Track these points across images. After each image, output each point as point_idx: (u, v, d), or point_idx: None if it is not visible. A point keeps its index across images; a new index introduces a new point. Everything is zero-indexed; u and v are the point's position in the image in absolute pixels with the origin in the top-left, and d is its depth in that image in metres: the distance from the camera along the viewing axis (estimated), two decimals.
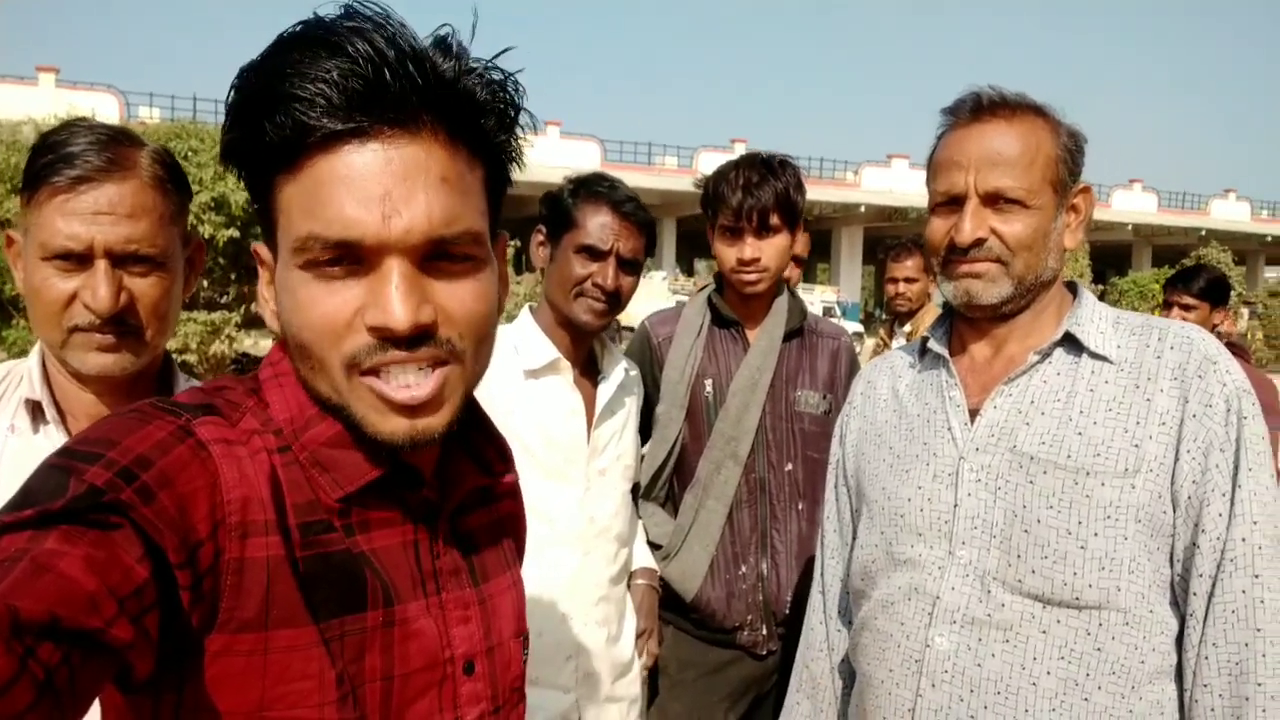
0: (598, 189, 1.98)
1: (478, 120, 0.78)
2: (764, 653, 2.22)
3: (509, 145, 0.83)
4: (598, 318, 1.97)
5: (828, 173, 38.57)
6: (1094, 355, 1.35)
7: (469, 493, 0.92)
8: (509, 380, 1.96)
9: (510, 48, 0.79)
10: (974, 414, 1.40)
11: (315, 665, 0.75)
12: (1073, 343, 1.37)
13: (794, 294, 2.37)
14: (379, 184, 0.72)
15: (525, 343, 2.01)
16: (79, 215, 1.19)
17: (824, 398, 2.27)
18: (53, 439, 1.26)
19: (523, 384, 1.97)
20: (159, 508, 0.67)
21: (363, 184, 0.72)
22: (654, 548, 2.27)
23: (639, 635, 2.14)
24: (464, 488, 0.91)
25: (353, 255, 0.74)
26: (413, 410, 0.76)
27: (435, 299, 0.76)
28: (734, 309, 2.29)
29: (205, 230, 10.46)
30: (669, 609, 2.27)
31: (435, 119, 0.75)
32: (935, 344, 1.51)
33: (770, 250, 2.17)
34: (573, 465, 1.99)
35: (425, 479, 0.86)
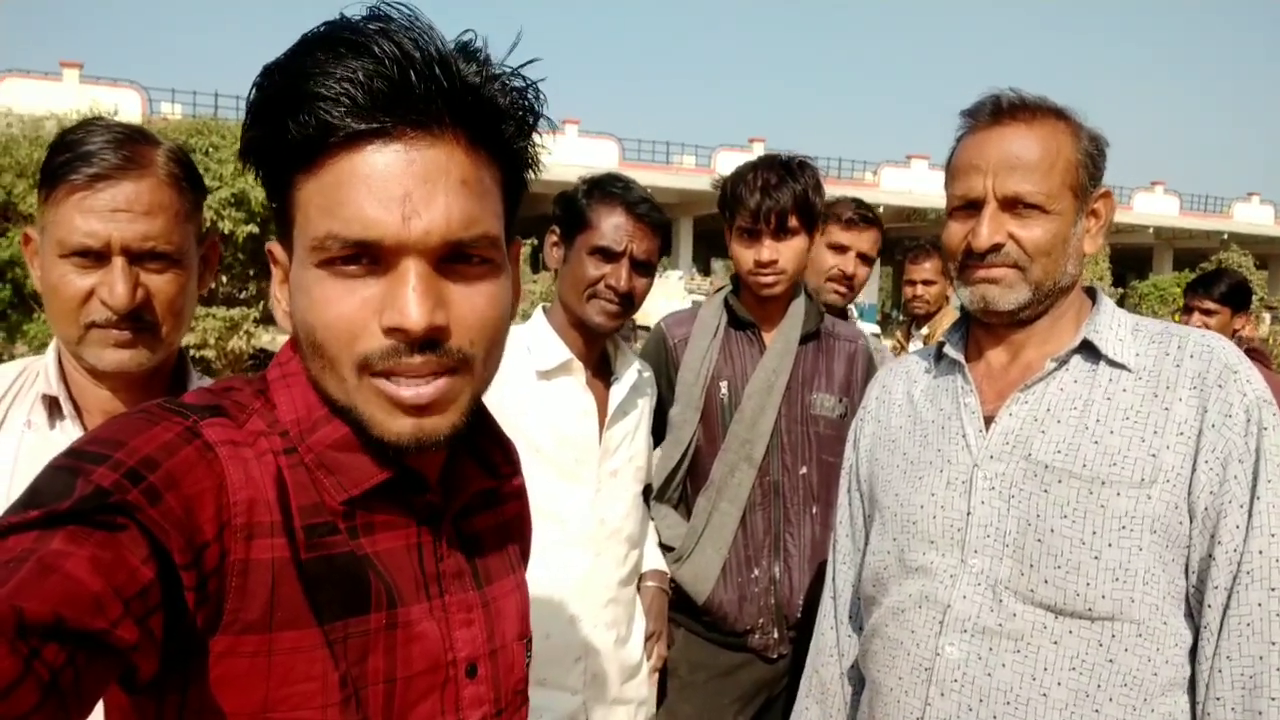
0: (612, 190, 1.98)
1: (498, 125, 0.78)
2: (775, 656, 2.21)
3: (527, 151, 0.83)
4: (611, 319, 1.97)
5: (846, 173, 38.38)
6: (1112, 363, 1.33)
7: (473, 495, 0.92)
8: (521, 381, 1.96)
9: (535, 59, 0.79)
10: (989, 421, 1.39)
11: (319, 667, 0.75)
12: (1091, 350, 1.36)
13: (811, 296, 2.36)
14: (400, 185, 0.73)
15: (538, 343, 2.01)
16: (97, 212, 1.21)
17: (840, 401, 2.26)
18: (69, 434, 1.26)
19: (535, 384, 1.97)
20: (165, 509, 0.67)
21: (384, 184, 0.72)
22: (666, 549, 2.26)
23: (648, 637, 2.14)
24: (468, 491, 0.91)
25: (370, 255, 0.74)
26: (420, 410, 0.76)
27: (450, 302, 0.76)
28: (750, 311, 2.28)
29: (225, 226, 10.53)
30: (680, 611, 2.26)
31: (457, 123, 0.75)
32: (951, 349, 1.49)
33: (788, 252, 2.16)
34: (584, 466, 1.98)
35: (430, 483, 0.86)
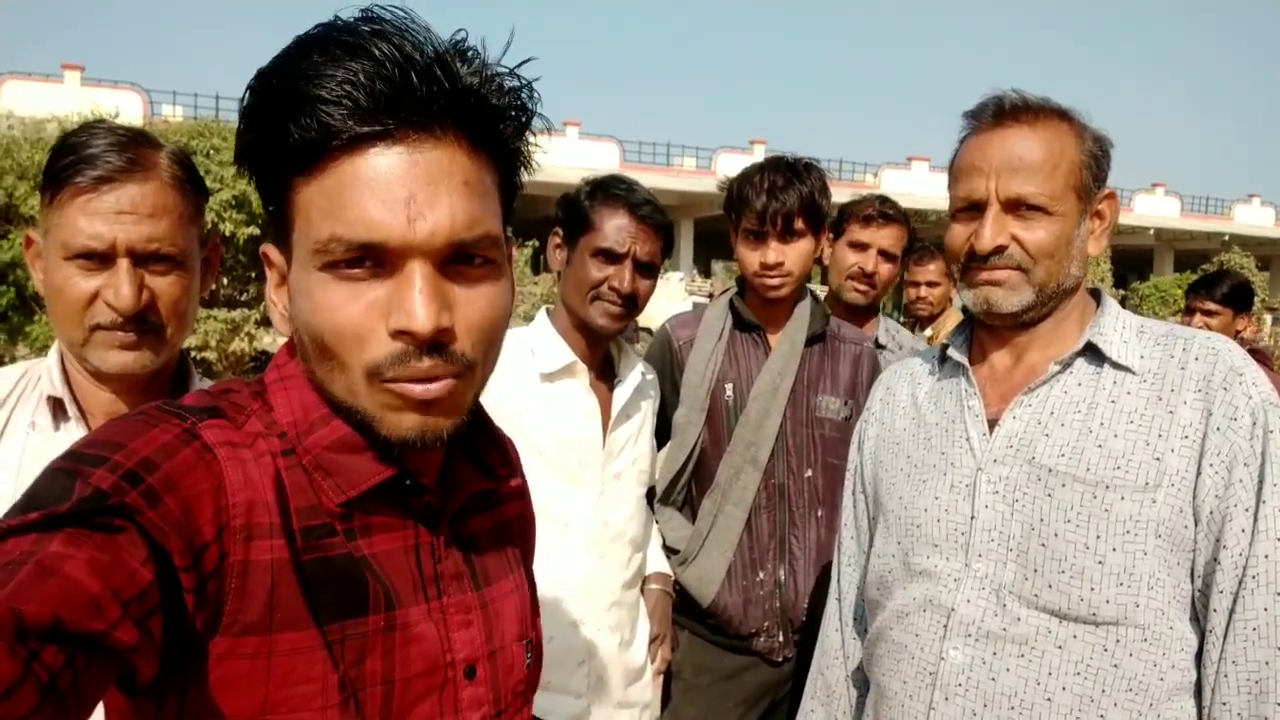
0: (614, 191, 1.97)
1: (497, 126, 0.79)
2: (780, 659, 2.20)
3: (522, 151, 0.84)
4: (614, 321, 1.96)
5: (847, 175, 38.33)
6: (1116, 365, 1.33)
7: (470, 496, 0.92)
8: (524, 383, 1.95)
9: (531, 58, 0.79)
10: (993, 424, 1.39)
11: (318, 668, 0.75)
12: (1095, 352, 1.35)
13: (816, 298, 2.35)
14: (404, 187, 0.73)
15: (541, 345, 2.00)
16: (101, 215, 1.21)
17: (845, 403, 2.25)
18: (73, 436, 1.27)
19: (538, 387, 1.97)
20: (164, 511, 0.67)
21: (387, 187, 0.72)
22: (671, 552, 2.25)
23: (652, 640, 2.13)
24: (465, 492, 0.91)
25: (375, 257, 0.74)
26: (426, 406, 0.77)
27: (454, 304, 0.76)
28: (756, 313, 2.27)
29: (226, 228, 10.52)
30: (685, 614, 2.26)
31: (457, 124, 0.75)
32: (955, 352, 1.49)
33: (794, 255, 2.16)
34: (587, 469, 1.98)
35: (428, 484, 0.86)
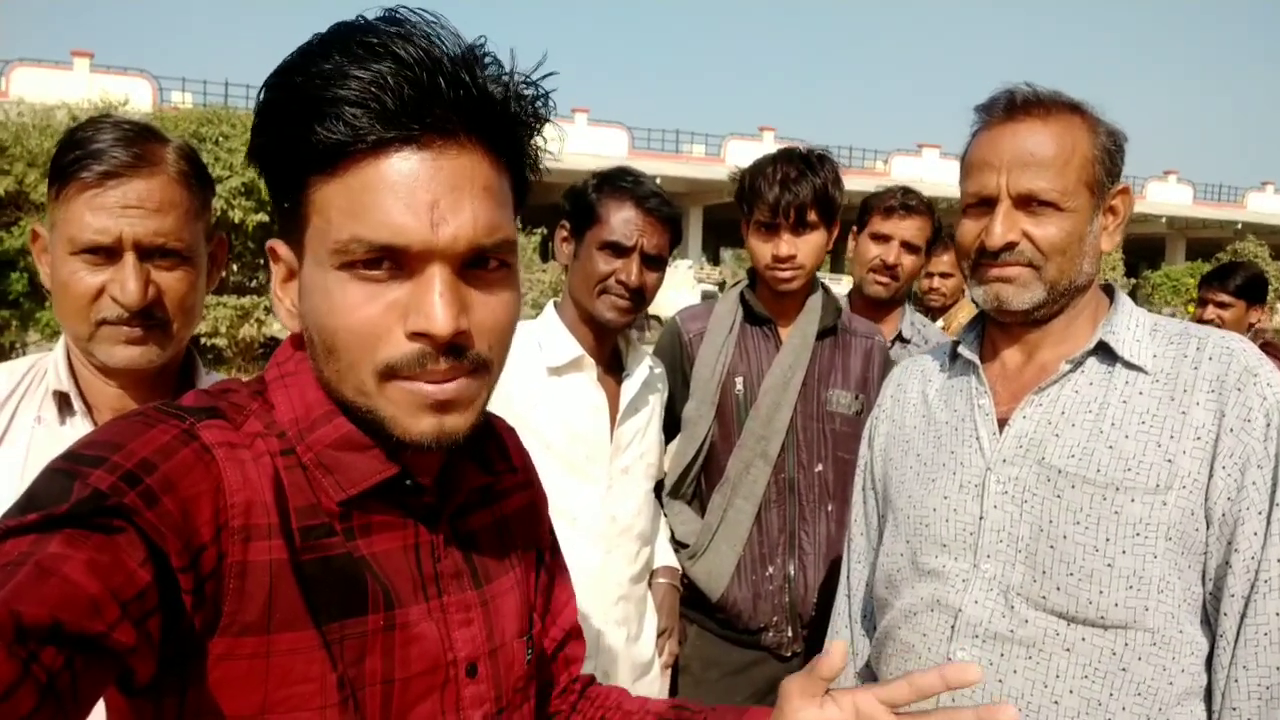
0: (621, 184, 1.96)
1: (515, 133, 0.79)
2: (788, 654, 2.20)
3: (534, 154, 0.84)
4: (622, 315, 1.95)
5: (857, 162, 38.16)
6: (1129, 365, 1.31)
7: (469, 493, 0.92)
8: (532, 377, 1.95)
9: (554, 72, 0.80)
10: (1003, 423, 1.37)
11: (317, 668, 0.75)
12: (1107, 351, 1.33)
13: (828, 291, 2.34)
14: (428, 192, 0.73)
15: (549, 339, 2.00)
16: (108, 209, 1.21)
17: (856, 398, 2.24)
18: (79, 430, 1.27)
19: (546, 380, 1.96)
20: (162, 512, 0.67)
21: (412, 191, 0.72)
22: (681, 546, 2.25)
23: (659, 634, 2.13)
24: (464, 489, 0.91)
25: (395, 259, 0.74)
26: (443, 407, 0.77)
27: (471, 308, 0.77)
28: (767, 306, 2.26)
29: (235, 215, 10.56)
30: (693, 608, 2.26)
31: (479, 130, 0.75)
32: (966, 349, 1.48)
33: (806, 247, 2.14)
34: (595, 463, 1.98)
35: (427, 484, 0.86)
